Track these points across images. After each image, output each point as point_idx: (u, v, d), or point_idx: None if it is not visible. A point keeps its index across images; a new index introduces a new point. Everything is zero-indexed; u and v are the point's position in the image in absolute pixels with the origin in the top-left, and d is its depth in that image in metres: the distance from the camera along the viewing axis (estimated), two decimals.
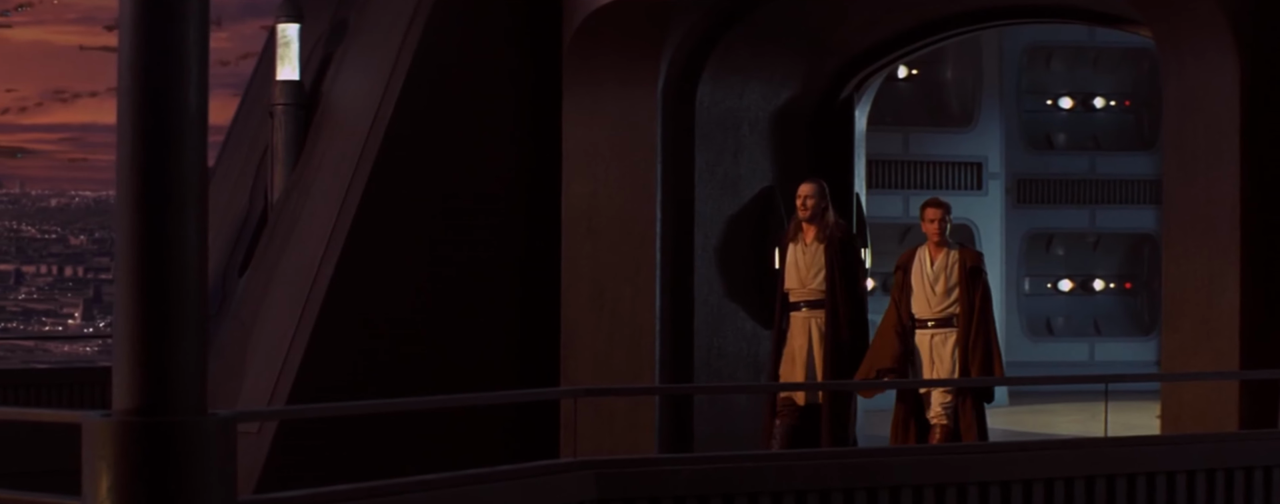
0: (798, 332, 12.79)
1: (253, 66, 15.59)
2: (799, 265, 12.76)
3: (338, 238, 13.20)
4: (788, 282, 12.81)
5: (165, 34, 5.95)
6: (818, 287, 12.72)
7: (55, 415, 6.78)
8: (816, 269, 12.71)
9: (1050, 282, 20.25)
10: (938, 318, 12.52)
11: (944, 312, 12.50)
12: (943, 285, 12.53)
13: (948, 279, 12.55)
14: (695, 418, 13.47)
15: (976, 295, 12.44)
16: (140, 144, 5.94)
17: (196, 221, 5.99)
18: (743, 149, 13.77)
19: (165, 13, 5.96)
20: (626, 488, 7.86)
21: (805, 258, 12.76)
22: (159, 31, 5.94)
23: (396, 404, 10.50)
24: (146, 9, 5.96)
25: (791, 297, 12.78)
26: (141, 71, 5.94)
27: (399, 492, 7.06)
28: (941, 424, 12.19)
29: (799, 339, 12.77)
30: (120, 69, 5.96)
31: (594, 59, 13.39)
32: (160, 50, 5.94)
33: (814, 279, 12.72)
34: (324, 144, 13.78)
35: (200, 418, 6.01)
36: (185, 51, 5.96)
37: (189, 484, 5.99)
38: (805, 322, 12.76)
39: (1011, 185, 19.36)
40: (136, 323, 5.93)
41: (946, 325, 12.48)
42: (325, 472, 11.84)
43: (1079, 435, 13.84)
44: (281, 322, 13.24)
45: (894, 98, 18.09)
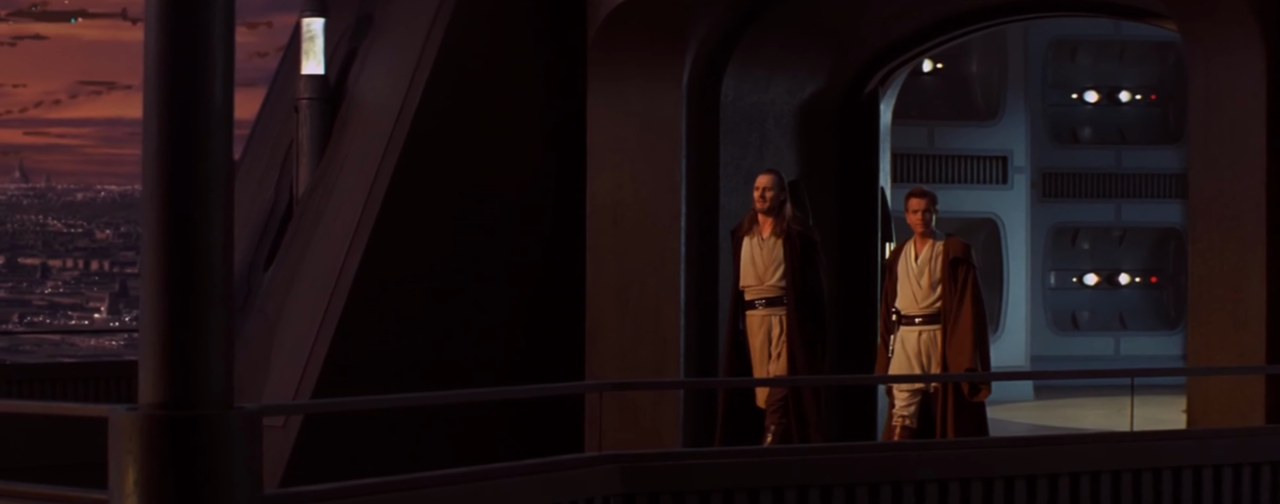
0: (756, 330, 12.21)
1: (277, 61, 15.61)
2: (756, 261, 12.19)
3: (362, 232, 13.22)
4: (743, 278, 12.26)
5: (190, 29, 5.96)
6: (776, 283, 12.15)
7: (82, 409, 6.80)
8: (775, 265, 12.14)
9: (1075, 276, 20.22)
10: (925, 314, 11.91)
11: (932, 307, 11.89)
12: (927, 279, 11.92)
13: (932, 272, 11.94)
14: None
15: (960, 287, 11.80)
16: (166, 138, 5.95)
17: (222, 216, 6.00)
18: (767, 143, 13.76)
19: (190, 7, 5.97)
20: (651, 482, 7.86)
21: (763, 253, 12.18)
22: (184, 26, 5.95)
23: (421, 398, 10.54)
24: (172, 4, 5.97)
25: (748, 294, 12.24)
26: (167, 66, 5.95)
27: (423, 486, 7.07)
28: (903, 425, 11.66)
29: (758, 338, 12.21)
30: (146, 64, 5.98)
31: (618, 53, 13.39)
32: (186, 45, 5.95)
33: (772, 275, 12.15)
34: (349, 139, 13.80)
35: (226, 412, 6.03)
36: (210, 46, 5.97)
37: (215, 478, 6.01)
38: (764, 320, 12.19)
39: (1037, 179, 19.33)
40: (163, 317, 5.95)
41: (935, 322, 11.88)
42: (349, 466, 11.86)
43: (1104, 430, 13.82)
44: (306, 316, 13.26)
45: (919, 92, 18.06)
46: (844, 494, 8.14)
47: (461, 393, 11.27)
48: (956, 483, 8.33)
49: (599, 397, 11.95)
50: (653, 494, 7.86)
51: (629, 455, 8.02)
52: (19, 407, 12.58)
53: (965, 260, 11.91)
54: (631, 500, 7.83)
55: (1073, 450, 8.65)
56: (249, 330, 13.54)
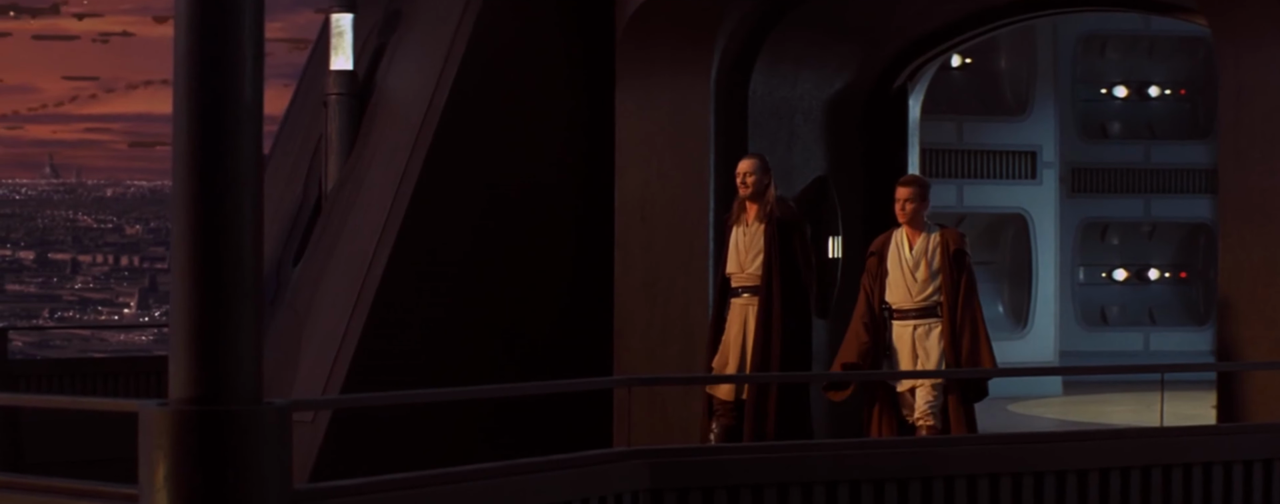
0: (733, 319, 11.86)
1: (306, 56, 15.64)
2: (739, 248, 11.85)
3: (391, 227, 13.24)
4: (729, 265, 11.93)
5: (220, 24, 5.97)
6: (756, 271, 11.81)
7: (112, 404, 6.82)
8: (756, 252, 11.80)
9: (1105, 271, 20.19)
10: (919, 307, 11.39)
11: (926, 301, 11.37)
12: (924, 272, 11.39)
13: (929, 265, 11.41)
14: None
15: (962, 281, 11.34)
16: (196, 134, 5.97)
17: (252, 211, 6.01)
18: (796, 138, 13.75)
19: (220, 3, 5.98)
20: (680, 477, 7.86)
21: (746, 240, 11.83)
22: (214, 22, 5.97)
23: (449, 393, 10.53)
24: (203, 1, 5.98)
25: (733, 282, 11.91)
26: (197, 62, 5.96)
27: (452, 481, 7.07)
28: (928, 425, 11.11)
29: (734, 328, 11.84)
30: (176, 59, 5.99)
31: (647, 48, 13.39)
32: (215, 40, 5.96)
33: (752, 262, 11.81)
34: (377, 134, 13.81)
35: (256, 407, 6.04)
36: (240, 41, 5.98)
37: (245, 473, 6.02)
38: (742, 309, 11.85)
39: (1066, 174, 19.30)
40: (193, 312, 5.96)
41: (930, 316, 11.37)
42: (378, 461, 11.89)
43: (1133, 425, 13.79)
44: (336, 311, 13.28)
45: (948, 86, 18.04)
46: (872, 490, 8.13)
47: (490, 388, 11.28)
48: (985, 479, 8.31)
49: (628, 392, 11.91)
50: (681, 490, 7.86)
51: (658, 451, 8.02)
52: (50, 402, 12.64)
53: (966, 252, 11.46)
54: (660, 496, 7.82)
55: (1102, 446, 8.63)
56: (278, 326, 13.57)
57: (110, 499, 6.32)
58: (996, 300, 18.69)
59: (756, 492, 7.97)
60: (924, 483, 8.22)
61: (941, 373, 11.06)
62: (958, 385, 11.16)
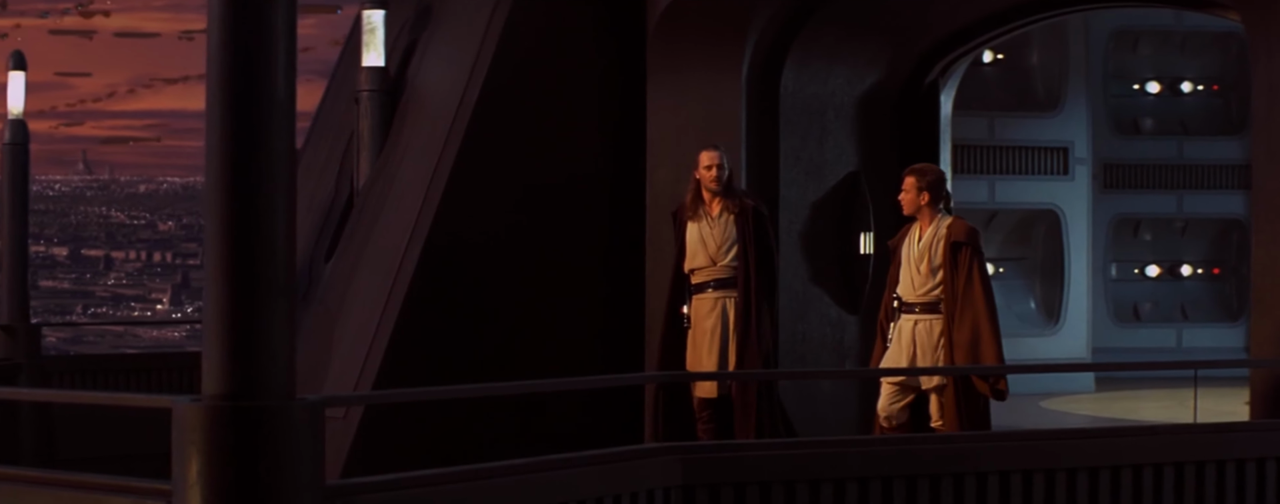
0: (706, 314, 11.63)
1: (338, 53, 15.67)
2: (706, 241, 11.63)
3: (423, 224, 13.25)
4: (692, 260, 11.72)
5: (253, 21, 5.98)
6: (729, 263, 11.58)
7: (145, 400, 6.85)
8: (728, 244, 11.60)
9: (1137, 267, 20.13)
10: (923, 302, 11.04)
11: (930, 295, 11.01)
12: (927, 264, 11.03)
13: (932, 257, 11.04)
14: (781, 404, 13.44)
15: (962, 275, 10.91)
16: (228, 130, 5.98)
17: (285, 207, 6.03)
18: (827, 134, 13.74)
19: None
20: (712, 473, 7.86)
21: (714, 233, 11.63)
22: (247, 18, 5.98)
23: (481, 389, 10.55)
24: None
25: (696, 277, 11.71)
26: (230, 58, 5.98)
27: (484, 476, 7.08)
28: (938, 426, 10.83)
29: (708, 322, 11.64)
30: (209, 56, 6.01)
31: (678, 45, 13.39)
32: (248, 37, 5.98)
33: (725, 255, 11.60)
34: (409, 130, 13.83)
35: (289, 403, 6.05)
36: (273, 38, 6.00)
37: (277, 468, 6.03)
38: (716, 303, 11.63)
39: (1098, 170, 19.25)
40: (226, 308, 5.97)
41: (933, 311, 11.01)
42: (410, 456, 11.90)
43: (1166, 422, 13.75)
44: (367, 307, 13.30)
45: (979, 82, 18.00)
46: (905, 486, 8.12)
47: (520, 384, 11.30)
48: (1018, 474, 8.30)
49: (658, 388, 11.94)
50: (713, 486, 7.86)
51: (689, 447, 8.02)
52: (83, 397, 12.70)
53: (968, 243, 11.01)
54: (692, 492, 7.83)
55: (1135, 443, 8.62)
56: (310, 322, 13.60)
57: (144, 494, 6.34)
58: (1028, 296, 18.65)
59: (788, 488, 7.97)
60: (956, 479, 8.22)
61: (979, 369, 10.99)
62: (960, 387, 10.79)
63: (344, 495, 6.38)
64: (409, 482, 6.75)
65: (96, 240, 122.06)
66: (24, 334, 15.45)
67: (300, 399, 6.10)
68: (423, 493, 6.78)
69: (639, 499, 7.62)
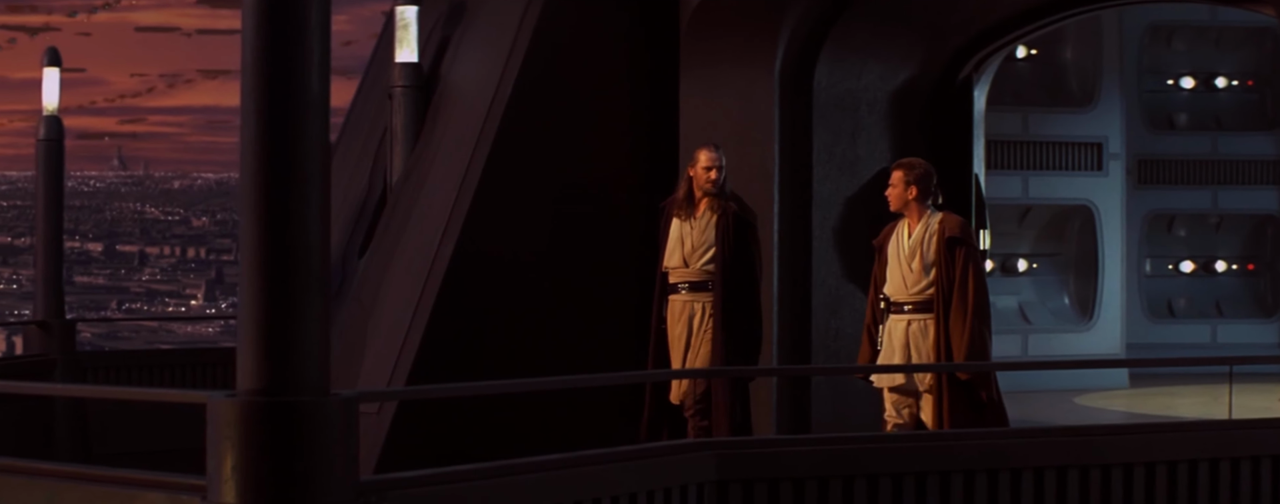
0: (677, 317, 11.39)
1: (371, 48, 15.69)
2: (684, 241, 11.35)
3: (456, 220, 13.27)
4: (669, 259, 11.44)
5: (288, 16, 5.99)
6: (703, 267, 11.32)
7: (180, 395, 6.86)
8: (705, 247, 11.31)
9: (1171, 263, 20.08)
10: (915, 301, 10.63)
11: (922, 294, 10.60)
12: (918, 262, 10.62)
13: (924, 254, 10.63)
14: (813, 399, 13.44)
15: (957, 272, 10.50)
16: (263, 126, 5.99)
17: (319, 203, 6.04)
18: (861, 130, 13.72)
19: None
20: (746, 469, 7.86)
21: (693, 233, 11.35)
22: (281, 14, 5.99)
23: (514, 385, 10.56)
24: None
25: (671, 277, 11.45)
26: (265, 54, 5.99)
27: (517, 472, 7.09)
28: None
29: (678, 327, 11.39)
30: (244, 51, 6.02)
31: (711, 40, 13.38)
32: (283, 32, 5.99)
33: (700, 258, 11.32)
34: (442, 126, 13.85)
35: (323, 398, 6.07)
36: (308, 34, 6.01)
37: (312, 464, 6.05)
38: (685, 307, 11.41)
39: (1132, 166, 19.20)
40: (260, 304, 5.99)
41: (926, 310, 10.59)
42: (443, 452, 11.92)
43: (1201, 418, 13.72)
44: (400, 303, 13.32)
45: (1013, 78, 17.97)
46: (939, 482, 8.11)
47: (554, 380, 11.29)
48: (1053, 471, 8.28)
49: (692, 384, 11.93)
50: (747, 481, 7.86)
51: (723, 442, 8.02)
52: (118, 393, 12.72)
53: (963, 241, 10.62)
54: (726, 488, 7.83)
55: (1170, 439, 8.59)
56: (343, 318, 13.62)
57: (178, 490, 6.36)
58: (1062, 292, 18.61)
59: (822, 484, 7.97)
60: (990, 475, 8.20)
61: (1006, 365, 10.92)
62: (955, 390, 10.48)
63: (377, 491, 6.39)
64: (442, 477, 6.76)
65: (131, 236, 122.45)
66: (59, 330, 15.51)
67: (334, 395, 6.12)
68: (455, 488, 6.79)
69: (672, 495, 7.62)
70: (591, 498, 7.27)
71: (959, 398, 10.51)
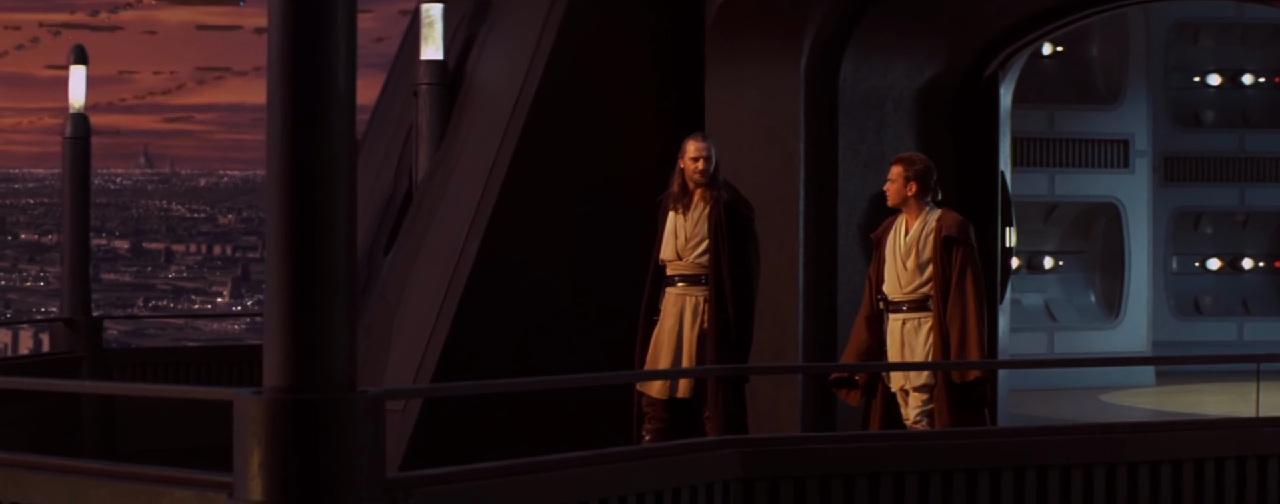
0: (669, 311, 11.22)
1: (396, 46, 15.71)
2: (679, 234, 11.20)
3: (481, 217, 13.27)
4: (664, 252, 11.28)
5: (314, 14, 6.00)
6: (696, 260, 11.13)
7: (207, 392, 6.87)
8: (698, 240, 11.16)
9: (1198, 260, 20.04)
10: (910, 300, 10.41)
11: (917, 292, 10.38)
12: (914, 260, 10.41)
13: (919, 252, 10.40)
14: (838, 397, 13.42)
15: (954, 271, 10.25)
16: (289, 123, 6.00)
17: (345, 201, 6.04)
18: (886, 127, 13.70)
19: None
20: (771, 467, 7.86)
21: (688, 226, 11.19)
22: (308, 11, 6.00)
23: (540, 382, 10.56)
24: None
25: (667, 270, 11.27)
26: (291, 51, 5.99)
27: (543, 470, 7.09)
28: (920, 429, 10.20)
29: (669, 320, 11.22)
30: (270, 49, 6.03)
31: (736, 38, 13.37)
32: (309, 30, 6.00)
33: (694, 250, 11.16)
34: (467, 124, 13.86)
35: (350, 395, 6.07)
36: (334, 31, 6.01)
37: (339, 461, 6.05)
38: (679, 300, 11.22)
39: (1159, 163, 19.16)
40: (287, 301, 6.00)
41: (921, 309, 10.36)
42: (468, 449, 11.93)
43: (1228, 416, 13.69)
44: (426, 300, 13.33)
45: (1039, 75, 17.94)
46: (965, 480, 8.10)
47: (579, 377, 11.29)
48: (1079, 469, 8.27)
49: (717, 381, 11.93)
50: (772, 479, 7.85)
51: (749, 440, 8.02)
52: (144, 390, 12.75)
53: (961, 240, 10.38)
54: (751, 485, 7.82)
55: (1197, 437, 8.57)
56: (369, 315, 13.64)
57: (205, 487, 6.37)
58: (1089, 290, 18.59)
59: (848, 481, 7.96)
60: (1016, 473, 8.19)
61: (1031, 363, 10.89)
62: (950, 389, 10.26)
63: (404, 488, 6.39)
64: (468, 474, 6.76)
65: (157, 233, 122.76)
66: (86, 327, 15.54)
67: (361, 392, 6.12)
68: (482, 485, 6.79)
69: (698, 492, 7.62)
70: (617, 495, 7.27)
71: (955, 399, 10.25)
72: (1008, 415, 13.58)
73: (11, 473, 6.91)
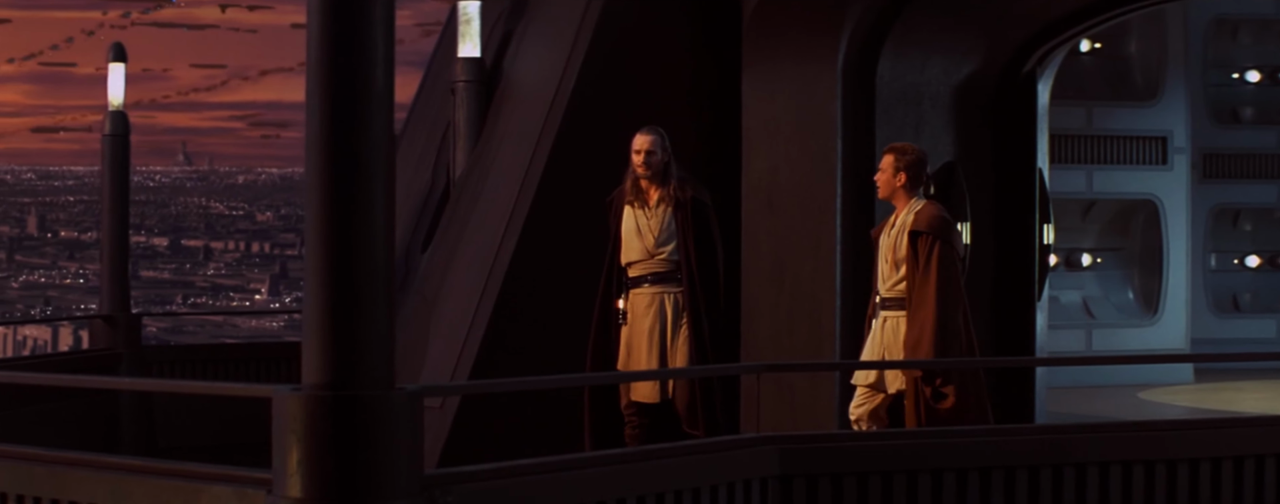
0: (643, 313, 10.90)
1: (434, 43, 15.73)
2: (643, 233, 10.90)
3: (519, 214, 13.29)
4: (627, 253, 10.98)
5: (352, 12, 6.01)
6: (668, 257, 10.84)
7: (246, 390, 6.89)
8: (666, 236, 10.87)
9: (1237, 257, 19.97)
10: (892, 297, 10.09)
11: (896, 290, 10.04)
12: (892, 255, 10.09)
13: (897, 247, 10.05)
14: None
15: (920, 267, 9.84)
16: (329, 121, 6.02)
17: (384, 198, 6.06)
18: (923, 124, 13.68)
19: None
20: (809, 463, 7.86)
21: (651, 223, 10.90)
22: (346, 9, 6.01)
23: (576, 379, 10.57)
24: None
25: (633, 270, 10.97)
26: (330, 49, 6.01)
27: (580, 467, 7.10)
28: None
29: (646, 321, 10.90)
30: (309, 47, 6.04)
31: (773, 35, 13.37)
32: (348, 28, 6.01)
33: (661, 247, 10.86)
34: (505, 121, 13.87)
35: (389, 392, 6.09)
36: (372, 29, 6.03)
37: (377, 457, 6.07)
38: (654, 298, 10.90)
39: (1197, 160, 19.11)
40: (326, 298, 6.01)
41: (902, 308, 10.02)
42: (506, 447, 11.94)
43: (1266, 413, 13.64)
44: (463, 297, 13.35)
45: (1077, 71, 17.90)
46: (1003, 477, 8.09)
47: (617, 374, 11.30)
48: (1118, 466, 8.25)
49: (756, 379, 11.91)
50: (810, 476, 7.85)
51: (787, 437, 8.02)
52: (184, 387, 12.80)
53: (927, 232, 9.95)
54: (789, 482, 7.82)
55: (1236, 434, 8.55)
56: (407, 312, 13.66)
57: (244, 483, 6.39)
58: (1127, 287, 18.54)
59: (886, 478, 7.95)
60: (1054, 470, 8.17)
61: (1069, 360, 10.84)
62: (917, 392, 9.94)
63: (442, 485, 6.41)
64: (505, 471, 6.77)
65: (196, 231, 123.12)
66: (125, 324, 15.59)
67: (399, 389, 6.14)
68: (520, 482, 6.80)
69: (736, 489, 7.62)
70: (655, 492, 7.28)
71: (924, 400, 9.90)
72: (1046, 413, 13.56)
73: (51, 470, 6.95)
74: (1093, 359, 17.33)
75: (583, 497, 7.04)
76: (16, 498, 7.00)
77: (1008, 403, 13.73)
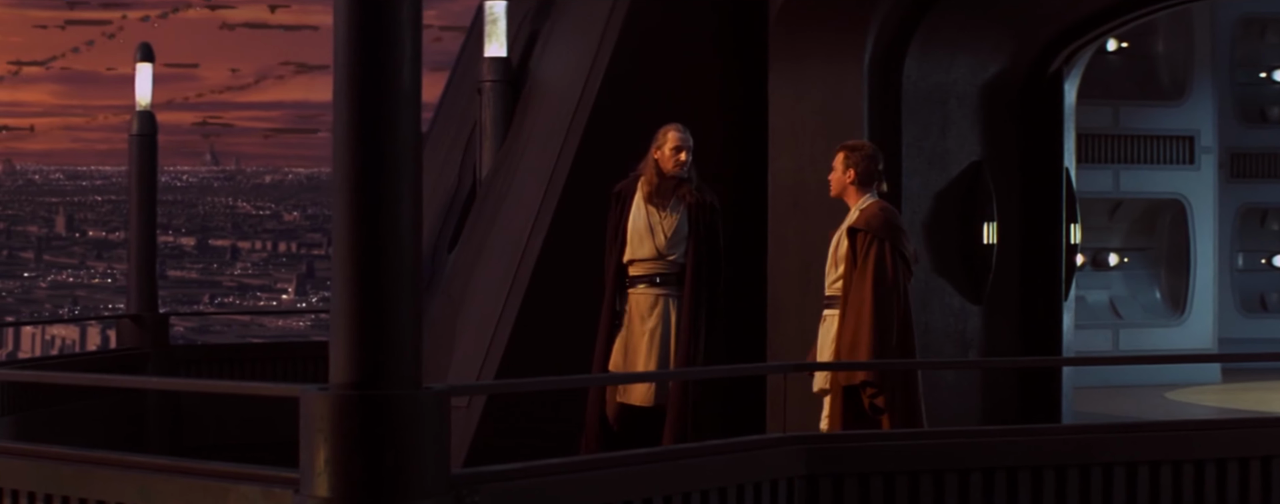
0: (647, 313, 10.57)
1: (460, 43, 15.75)
2: (655, 231, 10.53)
3: (545, 214, 13.30)
4: (634, 250, 10.64)
5: (379, 12, 6.02)
6: (677, 259, 10.47)
7: (273, 389, 6.91)
8: (679, 237, 10.50)
9: (1264, 257, 19.93)
10: (832, 295, 9.83)
11: (834, 287, 9.77)
12: (834, 254, 9.85)
13: (839, 245, 9.82)
14: None
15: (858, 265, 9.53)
16: (356, 121, 6.03)
17: (411, 197, 6.07)
18: (950, 124, 13.67)
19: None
20: (836, 463, 7.85)
21: (665, 223, 10.53)
22: (373, 9, 6.02)
23: (601, 379, 10.57)
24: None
25: (636, 269, 10.64)
26: (357, 49, 6.02)
27: (607, 466, 7.10)
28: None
29: (649, 323, 10.56)
30: (336, 47, 6.05)
31: (800, 34, 13.36)
32: (375, 28, 6.02)
33: (672, 249, 10.50)
34: (531, 121, 13.88)
35: (416, 391, 6.10)
36: (399, 29, 6.04)
37: (404, 457, 6.08)
38: (657, 300, 10.56)
39: (1224, 159, 19.07)
40: (353, 297, 6.02)
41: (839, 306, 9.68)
42: (533, 446, 11.95)
43: None
44: (490, 297, 13.37)
45: (1104, 71, 17.87)
46: (1030, 477, 8.08)
47: (642, 374, 11.29)
48: (1145, 466, 8.23)
49: (783, 378, 11.92)
50: (837, 476, 7.84)
51: (813, 437, 8.01)
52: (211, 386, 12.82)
53: (865, 230, 9.66)
54: (815, 482, 7.82)
55: (1264, 434, 8.52)
56: (433, 311, 13.68)
57: (271, 483, 6.40)
58: (1154, 287, 18.51)
59: (913, 478, 7.95)
60: (1082, 470, 8.16)
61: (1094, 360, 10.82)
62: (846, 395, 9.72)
63: (469, 484, 6.41)
64: (532, 471, 6.78)
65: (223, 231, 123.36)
66: (152, 324, 15.63)
67: (427, 388, 6.14)
68: (547, 482, 6.81)
69: (762, 489, 7.62)
70: (681, 492, 7.28)
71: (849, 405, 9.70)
72: (1073, 413, 13.54)
73: (79, 469, 6.97)
74: (1120, 359, 17.30)
75: (609, 496, 7.04)
76: (45, 497, 7.02)
77: (1034, 403, 13.72)
